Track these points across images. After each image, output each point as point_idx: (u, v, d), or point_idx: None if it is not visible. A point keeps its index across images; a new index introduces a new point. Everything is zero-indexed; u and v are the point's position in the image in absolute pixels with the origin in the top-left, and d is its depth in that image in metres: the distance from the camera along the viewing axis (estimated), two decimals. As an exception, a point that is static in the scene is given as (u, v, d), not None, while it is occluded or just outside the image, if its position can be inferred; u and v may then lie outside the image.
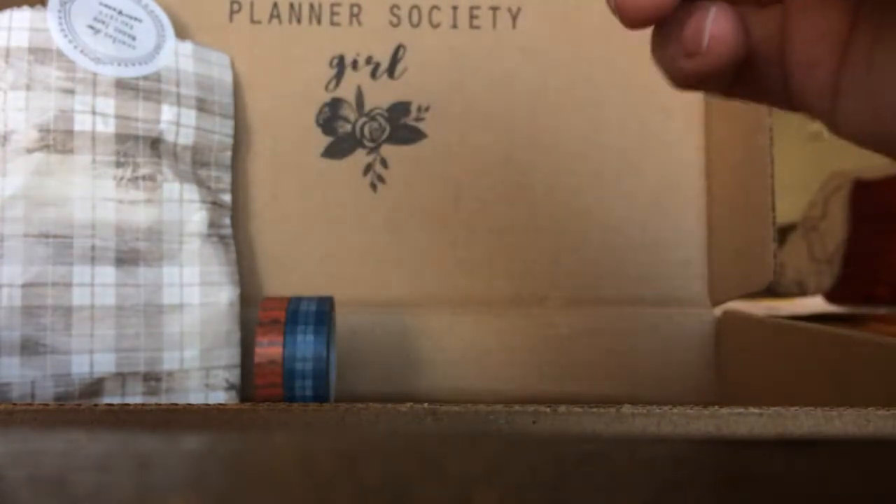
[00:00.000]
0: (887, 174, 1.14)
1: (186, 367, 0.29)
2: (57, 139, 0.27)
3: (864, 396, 0.24)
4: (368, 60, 0.36)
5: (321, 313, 0.28)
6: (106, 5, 0.30)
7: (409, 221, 0.35)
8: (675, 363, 0.36)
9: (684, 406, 0.15)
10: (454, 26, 0.36)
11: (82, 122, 0.28)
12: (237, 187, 0.35)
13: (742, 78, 0.16)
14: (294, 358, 0.27)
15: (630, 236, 0.36)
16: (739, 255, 0.33)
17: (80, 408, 0.16)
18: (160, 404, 0.16)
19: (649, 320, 0.36)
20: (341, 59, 0.36)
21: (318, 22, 0.36)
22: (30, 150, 0.27)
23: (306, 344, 0.27)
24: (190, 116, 0.31)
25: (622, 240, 0.36)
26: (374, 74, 0.36)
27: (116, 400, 0.28)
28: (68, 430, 0.15)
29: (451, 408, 0.15)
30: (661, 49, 0.16)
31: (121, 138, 0.29)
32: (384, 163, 0.36)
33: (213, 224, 0.31)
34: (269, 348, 0.28)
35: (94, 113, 0.28)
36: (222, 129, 0.33)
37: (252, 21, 0.36)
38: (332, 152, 0.36)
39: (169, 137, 0.30)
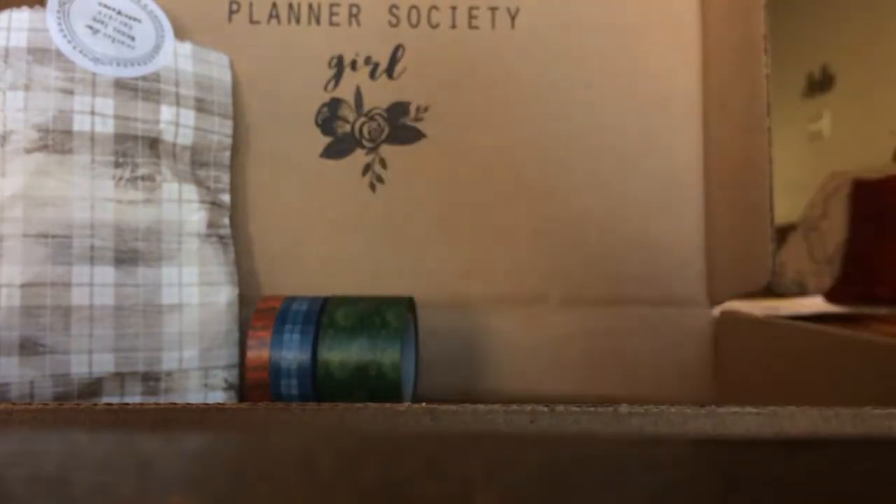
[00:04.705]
0: (887, 174, 1.15)
1: (185, 367, 0.29)
2: (56, 139, 0.27)
3: (862, 396, 0.24)
4: (367, 60, 0.36)
5: (311, 313, 0.28)
6: (105, 6, 0.30)
7: (408, 221, 0.36)
8: (674, 363, 0.36)
9: (682, 405, 0.15)
10: (453, 26, 0.36)
11: (81, 123, 0.28)
12: (236, 187, 0.35)
13: None
14: (280, 356, 0.27)
15: (629, 236, 0.36)
16: (738, 255, 0.33)
17: (79, 407, 0.16)
18: (160, 404, 0.16)
19: (648, 320, 0.36)
20: (340, 59, 0.36)
21: (317, 22, 0.36)
22: (29, 151, 0.27)
23: (292, 343, 0.28)
24: (189, 116, 0.31)
25: (621, 240, 0.36)
26: (372, 74, 0.36)
27: (115, 400, 0.28)
28: (68, 430, 0.15)
29: (449, 407, 0.15)
30: None
31: (120, 138, 0.29)
32: (383, 163, 0.36)
33: (211, 224, 0.31)
34: (257, 347, 0.28)
35: (92, 113, 0.28)
36: (221, 129, 0.33)
37: (251, 21, 0.36)
38: (331, 152, 0.36)
39: (168, 137, 0.30)
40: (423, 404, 0.16)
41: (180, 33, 0.33)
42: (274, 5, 0.36)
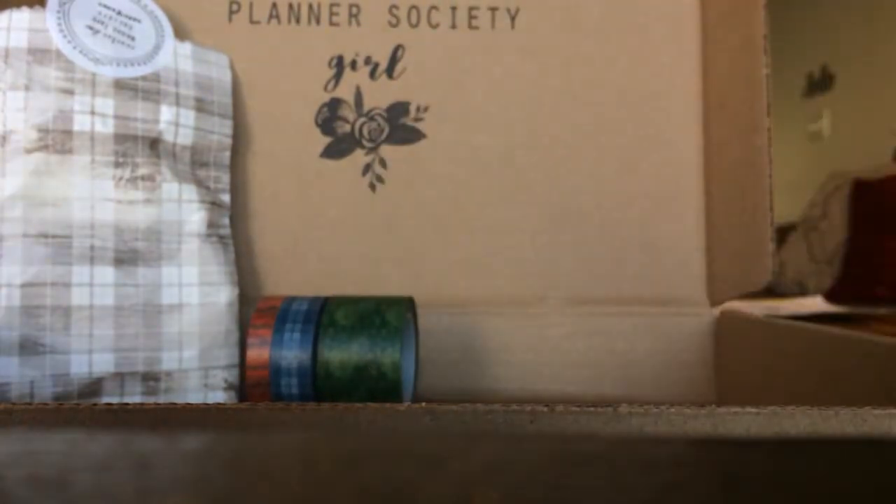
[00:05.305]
0: (887, 174, 1.15)
1: (185, 367, 0.29)
2: (56, 139, 0.27)
3: (862, 396, 0.24)
4: (367, 61, 0.36)
5: (311, 312, 0.28)
6: (105, 6, 0.30)
7: (407, 221, 0.36)
8: (674, 363, 0.36)
9: (682, 405, 0.15)
10: (453, 26, 0.36)
11: (81, 123, 0.28)
12: (236, 187, 0.35)
13: None
14: (280, 355, 0.28)
15: (629, 236, 0.36)
16: (738, 255, 0.33)
17: (79, 407, 0.16)
18: (159, 403, 0.16)
19: (648, 320, 0.36)
20: (340, 59, 0.36)
21: (317, 22, 0.36)
22: (29, 151, 0.27)
23: (293, 342, 0.28)
24: (189, 116, 0.31)
25: (621, 239, 0.36)
26: (372, 74, 0.36)
27: (115, 400, 0.28)
28: (68, 430, 0.15)
29: (448, 407, 0.15)
30: None
31: (120, 138, 0.29)
32: (383, 163, 0.36)
33: (211, 224, 0.31)
34: (258, 346, 0.28)
35: (92, 113, 0.28)
36: (221, 130, 0.33)
37: (251, 21, 0.36)
38: (331, 152, 0.36)
39: (168, 137, 0.30)
40: (423, 404, 0.16)
41: (180, 33, 0.33)
42: (274, 5, 0.36)
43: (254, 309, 0.30)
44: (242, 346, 0.31)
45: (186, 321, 0.29)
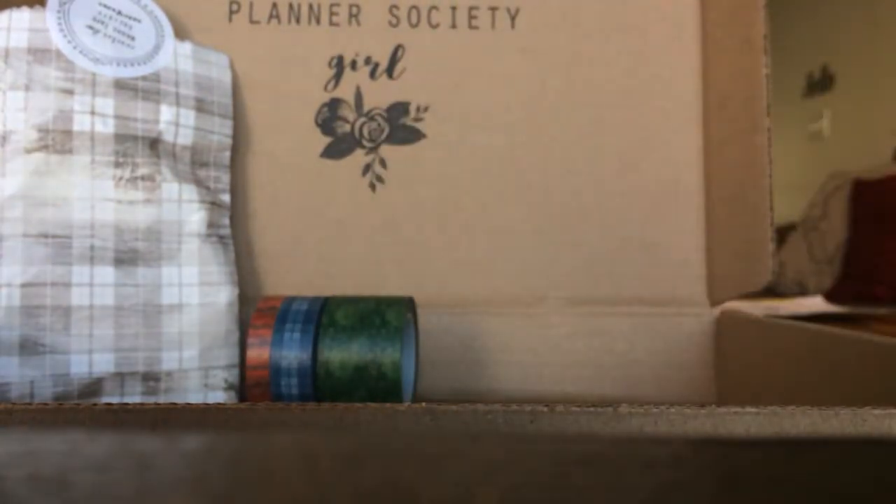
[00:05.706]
0: (887, 174, 1.15)
1: (185, 367, 0.29)
2: (56, 139, 0.27)
3: (862, 396, 0.24)
4: (367, 61, 0.36)
5: (311, 312, 0.28)
6: (105, 6, 0.30)
7: (407, 222, 0.36)
8: (674, 363, 0.36)
9: (682, 405, 0.15)
10: (453, 26, 0.36)
11: (81, 123, 0.28)
12: (236, 187, 0.35)
13: None
14: (280, 356, 0.28)
15: (629, 236, 0.36)
16: (738, 256, 0.33)
17: (79, 407, 0.16)
18: (160, 403, 0.16)
19: (648, 320, 0.36)
20: (340, 59, 0.36)
21: (318, 22, 0.36)
22: (29, 151, 0.27)
23: (293, 342, 0.28)
24: (189, 116, 0.31)
25: (621, 240, 0.36)
26: (373, 74, 0.36)
27: (115, 400, 0.28)
28: (68, 430, 0.15)
29: (448, 407, 0.15)
30: None
31: (120, 138, 0.29)
32: (383, 163, 0.36)
33: (212, 224, 0.31)
34: (258, 346, 0.28)
35: (93, 113, 0.28)
36: (221, 130, 0.33)
37: (251, 21, 0.36)
38: (331, 152, 0.36)
39: (168, 137, 0.30)
40: (423, 404, 0.16)
41: (180, 33, 0.33)
42: (274, 5, 0.36)
43: (254, 309, 0.30)
44: (242, 346, 0.31)
45: (186, 321, 0.29)
